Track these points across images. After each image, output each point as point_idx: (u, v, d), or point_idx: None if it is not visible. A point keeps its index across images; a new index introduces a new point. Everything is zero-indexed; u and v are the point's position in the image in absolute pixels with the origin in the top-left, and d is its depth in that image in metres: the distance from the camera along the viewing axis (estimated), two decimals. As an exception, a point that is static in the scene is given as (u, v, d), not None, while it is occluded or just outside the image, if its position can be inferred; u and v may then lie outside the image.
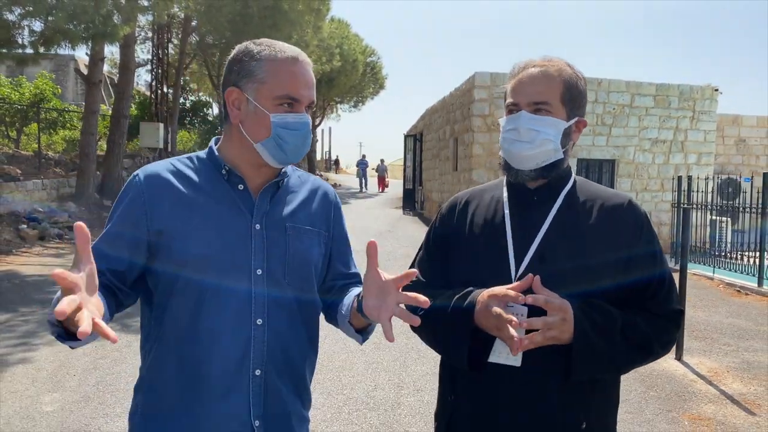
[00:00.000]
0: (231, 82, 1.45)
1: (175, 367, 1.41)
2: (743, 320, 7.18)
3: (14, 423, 3.91)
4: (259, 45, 1.45)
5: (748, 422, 4.22)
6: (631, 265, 1.44)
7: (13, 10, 10.50)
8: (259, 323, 1.42)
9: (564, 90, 1.48)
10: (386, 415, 4.18)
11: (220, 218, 1.42)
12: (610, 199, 1.52)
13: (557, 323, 1.34)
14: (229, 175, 1.46)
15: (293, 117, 1.42)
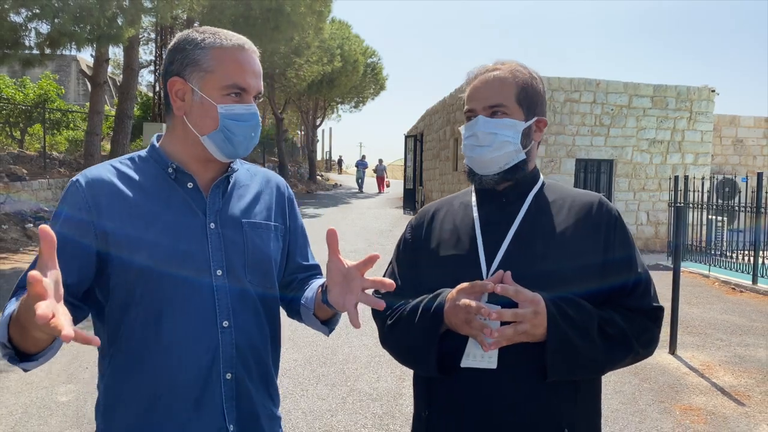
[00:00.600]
0: (173, 72, 1.37)
1: (135, 386, 1.32)
2: (737, 317, 7.34)
3: (31, 412, 4.07)
4: (203, 33, 1.38)
5: (737, 412, 4.38)
6: (606, 268, 1.41)
7: (20, 12, 10.67)
8: (226, 325, 1.35)
9: (519, 91, 1.48)
10: (389, 404, 4.34)
11: (171, 221, 1.34)
12: (580, 198, 1.50)
13: (528, 315, 1.28)
14: (176, 174, 1.38)
15: (241, 107, 1.36)
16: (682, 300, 8.09)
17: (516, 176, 1.49)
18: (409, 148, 23.51)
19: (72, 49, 11.59)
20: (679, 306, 7.59)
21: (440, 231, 1.56)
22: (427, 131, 21.06)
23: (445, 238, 1.54)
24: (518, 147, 1.47)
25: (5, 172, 13.33)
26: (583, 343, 1.32)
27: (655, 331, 1.44)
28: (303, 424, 3.98)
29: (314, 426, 3.95)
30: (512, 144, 1.46)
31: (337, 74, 28.47)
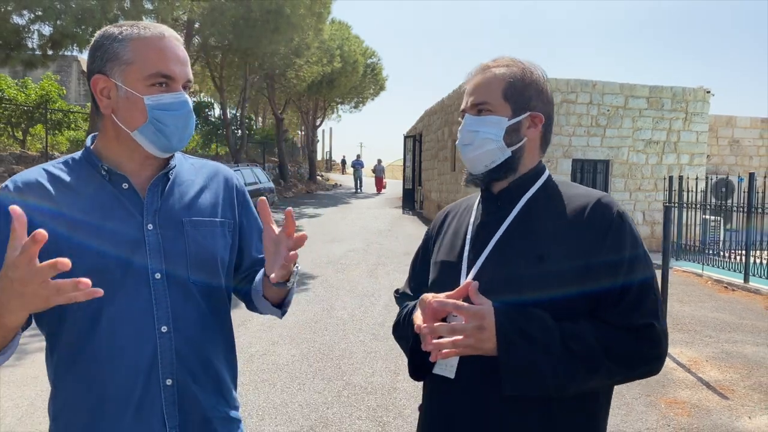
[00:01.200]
0: (95, 70, 1.32)
1: (77, 393, 1.31)
2: (727, 314, 7.48)
3: (37, 405, 4.21)
4: (120, 26, 1.33)
5: (720, 405, 4.52)
6: (589, 273, 1.30)
7: (22, 14, 10.83)
8: (164, 330, 1.31)
9: (505, 86, 1.42)
10: (383, 398, 4.48)
11: (106, 225, 1.29)
12: (577, 200, 1.39)
13: (470, 330, 1.23)
14: (109, 175, 1.33)
15: (170, 96, 1.30)
16: (675, 298, 8.25)
17: (506, 175, 1.43)
18: (408, 149, 23.65)
19: (74, 50, 11.77)
20: (671, 304, 7.73)
21: (444, 235, 1.56)
22: (425, 132, 21.20)
23: (445, 243, 1.53)
24: (501, 145, 1.41)
25: (8, 172, 13.47)
26: (539, 360, 1.23)
27: (641, 351, 1.28)
28: (299, 416, 4.12)
29: (310, 418, 4.09)
30: (494, 141, 1.41)
31: (337, 75, 28.62)
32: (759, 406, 4.50)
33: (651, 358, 1.30)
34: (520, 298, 1.29)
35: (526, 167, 1.45)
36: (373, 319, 6.69)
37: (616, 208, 1.36)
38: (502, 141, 1.42)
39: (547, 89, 1.47)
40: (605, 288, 1.29)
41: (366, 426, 4.00)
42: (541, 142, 1.48)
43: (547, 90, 1.48)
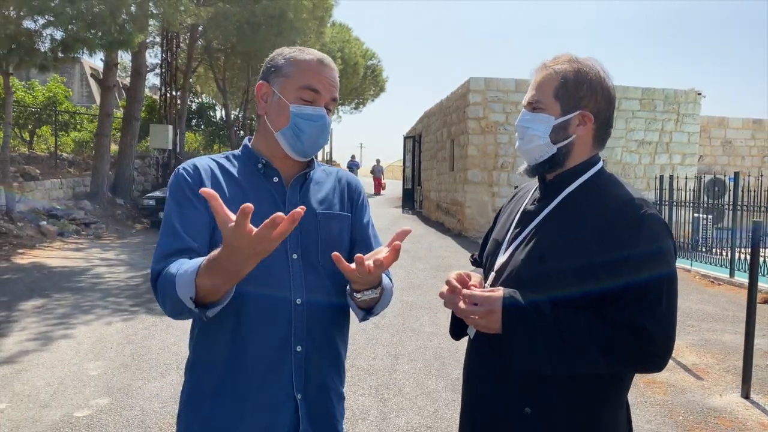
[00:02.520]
0: (261, 78, 1.58)
1: (220, 350, 1.48)
2: (711, 306, 7.86)
3: (67, 384, 4.59)
4: (293, 49, 1.58)
5: (695, 385, 4.91)
6: (596, 270, 1.37)
7: (36, 19, 11.21)
8: (299, 302, 1.50)
9: (558, 85, 1.48)
10: (383, 378, 4.86)
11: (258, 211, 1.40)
12: (612, 198, 1.45)
13: (481, 312, 1.39)
14: (265, 169, 1.56)
15: (311, 109, 1.52)
16: (662, 292, 8.63)
17: (553, 169, 1.51)
18: (407, 149, 24.01)
19: (84, 54, 12.15)
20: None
21: (504, 213, 1.70)
22: (425, 132, 21.58)
23: (501, 221, 1.68)
24: (547, 141, 1.49)
25: (19, 172, 13.86)
26: (534, 342, 1.36)
27: (630, 348, 1.34)
28: (307, 393, 4.50)
29: (317, 395, 4.47)
30: (541, 138, 1.49)
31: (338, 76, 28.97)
32: (731, 386, 4.88)
33: (642, 357, 1.35)
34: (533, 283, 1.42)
35: (574, 162, 1.51)
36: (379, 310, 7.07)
37: (645, 209, 1.40)
38: (548, 138, 1.49)
39: (603, 88, 1.50)
40: (610, 287, 1.35)
41: (369, 402, 4.39)
42: (594, 139, 1.52)
43: (604, 89, 1.50)
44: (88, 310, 6.81)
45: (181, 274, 1.29)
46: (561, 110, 1.48)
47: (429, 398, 4.47)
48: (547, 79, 1.50)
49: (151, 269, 1.43)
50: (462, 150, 15.17)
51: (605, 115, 1.51)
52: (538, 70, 1.54)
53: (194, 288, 1.26)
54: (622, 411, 1.51)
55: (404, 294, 8.01)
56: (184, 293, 1.28)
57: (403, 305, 7.36)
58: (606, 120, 1.52)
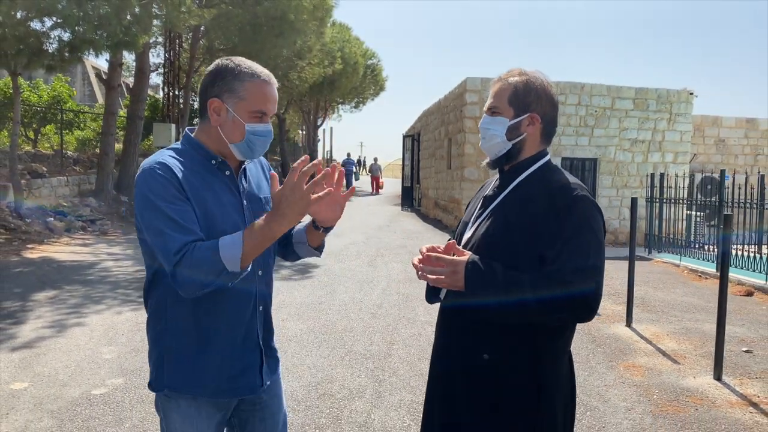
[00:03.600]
0: (213, 94, 1.74)
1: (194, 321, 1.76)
2: (696, 299, 8.18)
3: (83, 366, 4.91)
4: (238, 66, 1.74)
5: (671, 369, 5.23)
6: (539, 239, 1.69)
7: (44, 21, 11.52)
8: (260, 274, 1.85)
9: (511, 93, 1.81)
10: (379, 362, 5.18)
11: (223, 200, 1.76)
12: (553, 184, 1.77)
13: (447, 273, 1.69)
14: (219, 165, 1.79)
15: (262, 127, 1.76)
16: (650, 285, 8.96)
17: (509, 162, 1.84)
18: (406, 148, 24.30)
19: (90, 54, 12.45)
20: (646, 290, 8.44)
21: (472, 201, 2.03)
22: (423, 131, 21.87)
23: (470, 206, 2.02)
24: (503, 139, 1.82)
25: (27, 170, 14.17)
26: (486, 296, 1.67)
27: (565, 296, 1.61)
28: (308, 374, 4.82)
29: (317, 376, 4.79)
30: (499, 137, 1.82)
31: (338, 76, 29.26)
32: (705, 370, 5.20)
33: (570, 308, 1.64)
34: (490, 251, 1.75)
35: (526, 155, 1.85)
36: (371, 301, 7.39)
37: (578, 191, 1.73)
38: (505, 136, 1.83)
39: (547, 94, 1.84)
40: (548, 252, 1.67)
41: (365, 382, 4.71)
42: (542, 136, 1.86)
43: (548, 95, 1.84)
44: (99, 300, 7.14)
45: (226, 241, 1.59)
46: (514, 113, 1.82)
47: (421, 379, 4.78)
48: (502, 89, 1.84)
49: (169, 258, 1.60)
50: (459, 148, 15.48)
51: (550, 116, 1.86)
52: (494, 82, 1.88)
53: (242, 248, 1.58)
54: (565, 355, 1.83)
55: (401, 286, 8.33)
56: (231, 255, 1.57)
57: (400, 297, 7.68)
58: (551, 120, 1.87)
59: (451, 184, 16.51)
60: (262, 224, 1.60)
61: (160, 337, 1.81)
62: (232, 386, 1.83)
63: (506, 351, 1.74)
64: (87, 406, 4.09)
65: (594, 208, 1.74)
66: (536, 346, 1.74)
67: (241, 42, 15.78)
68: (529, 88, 1.82)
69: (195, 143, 1.81)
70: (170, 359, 1.79)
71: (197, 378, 1.79)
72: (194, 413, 1.82)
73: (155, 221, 1.63)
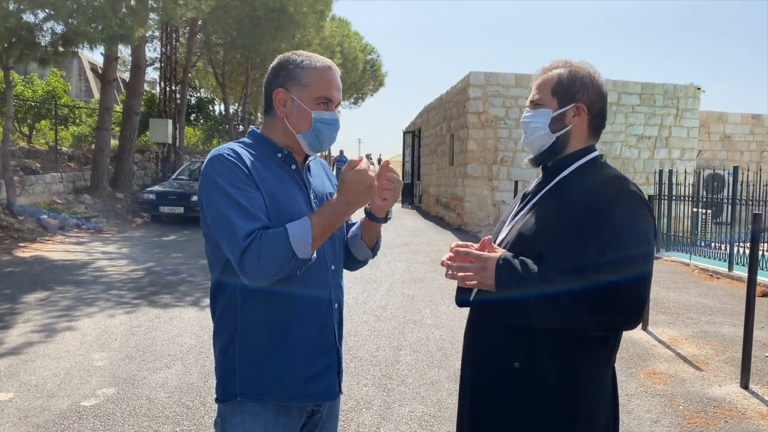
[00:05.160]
0: (278, 85, 1.72)
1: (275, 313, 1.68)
2: (710, 299, 7.92)
3: (73, 374, 4.63)
4: (300, 56, 1.75)
5: (694, 376, 4.96)
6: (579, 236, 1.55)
7: (36, 13, 11.20)
8: (333, 269, 1.79)
9: (555, 84, 1.71)
10: (386, 369, 4.91)
11: (292, 193, 1.71)
12: (597, 177, 1.65)
13: (475, 269, 1.59)
14: (285, 158, 1.75)
15: (328, 114, 1.73)
16: (662, 285, 8.69)
17: (553, 157, 1.73)
18: (407, 144, 24.04)
19: (85, 48, 12.14)
20: (658, 290, 8.18)
21: (513, 201, 1.96)
22: (424, 127, 21.60)
23: (512, 203, 1.93)
24: (547, 131, 1.71)
25: (20, 166, 13.86)
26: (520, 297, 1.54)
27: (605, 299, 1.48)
28: (312, 383, 4.54)
29: (321, 385, 4.51)
30: (542, 129, 1.72)
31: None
32: (729, 377, 4.93)
33: (612, 310, 1.49)
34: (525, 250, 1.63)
35: (571, 149, 1.73)
36: (375, 303, 7.12)
37: (623, 186, 1.59)
38: (548, 128, 1.72)
39: (594, 84, 1.72)
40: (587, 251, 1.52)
41: (372, 392, 4.43)
42: (589, 129, 1.73)
43: (595, 85, 1.72)
44: (92, 302, 6.85)
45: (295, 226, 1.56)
46: (558, 104, 1.71)
47: (432, 388, 4.51)
48: (546, 80, 1.74)
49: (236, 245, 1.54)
50: (462, 144, 15.20)
51: (597, 106, 1.72)
52: (537, 75, 1.78)
53: (311, 232, 1.56)
54: (607, 373, 1.66)
55: (406, 287, 8.05)
56: (301, 240, 1.54)
57: (405, 298, 7.40)
58: (599, 111, 1.73)
59: (453, 181, 16.23)
60: (328, 208, 1.63)
61: (231, 341, 1.70)
62: (309, 391, 1.74)
63: (540, 360, 1.60)
64: (76, 420, 3.81)
65: (641, 204, 1.58)
66: (574, 356, 1.59)
67: (239, 35, 15.48)
68: (575, 77, 1.72)
69: (261, 137, 1.78)
70: (244, 362, 1.69)
71: (274, 379, 1.69)
72: (269, 419, 1.70)
73: (222, 207, 1.58)
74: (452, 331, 5.91)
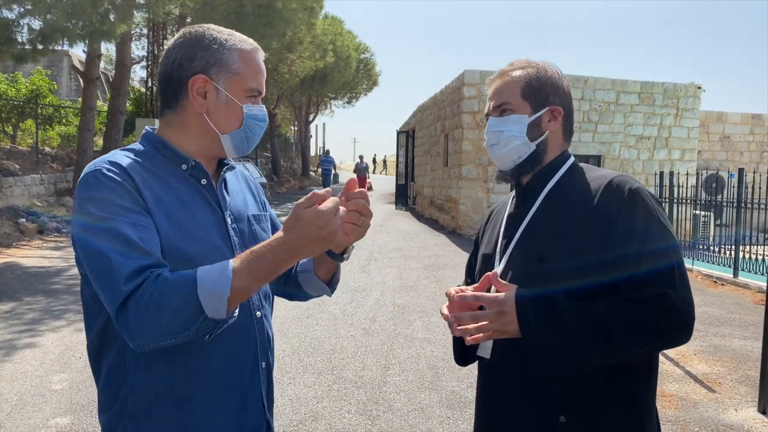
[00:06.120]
0: (196, 69, 1.31)
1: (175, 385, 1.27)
2: (716, 309, 7.54)
3: (26, 400, 4.20)
4: (221, 32, 1.36)
5: (707, 398, 4.56)
6: (605, 262, 1.35)
7: (12, 8, 10.75)
8: (258, 315, 1.39)
9: (523, 85, 1.51)
10: (373, 392, 4.49)
11: (197, 215, 1.32)
12: (593, 184, 1.45)
13: (491, 315, 1.32)
14: (192, 170, 1.35)
15: (258, 109, 1.38)
16: (664, 293, 8.30)
17: (533, 168, 1.52)
18: (401, 144, 23.66)
19: (64, 44, 11.70)
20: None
21: (487, 231, 1.68)
22: (418, 127, 21.21)
23: (486, 237, 1.67)
24: (524, 140, 1.50)
25: (-2, 167, 13.38)
26: (557, 337, 1.30)
27: (656, 321, 1.29)
28: (289, 410, 4.13)
29: (300, 412, 4.10)
30: (518, 138, 1.50)
31: (330, 70, 28.57)
32: (745, 399, 4.54)
33: (669, 328, 1.30)
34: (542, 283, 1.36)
35: (550, 158, 1.54)
36: (364, 314, 6.70)
37: (629, 186, 1.39)
38: (526, 137, 1.51)
39: (563, 84, 1.55)
40: (618, 266, 1.32)
41: (356, 420, 4.02)
42: (564, 133, 1.56)
43: (564, 84, 1.55)
44: (59, 314, 6.40)
45: (207, 273, 1.12)
46: (531, 109, 1.51)
47: (422, 414, 4.11)
48: (510, 84, 1.53)
49: (115, 291, 1.12)
50: (456, 145, 14.81)
51: (569, 109, 1.56)
52: (495, 79, 1.57)
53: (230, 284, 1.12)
54: (654, 412, 1.47)
55: (397, 296, 7.64)
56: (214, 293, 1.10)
57: (395, 308, 6.99)
58: (570, 114, 1.57)
59: (447, 182, 15.84)
60: (263, 251, 1.15)
61: (119, 420, 1.27)
62: None
63: (590, 406, 1.39)
64: (20, 457, 3.38)
65: (653, 198, 1.41)
66: (626, 393, 1.41)
67: (227, 33, 15.02)
68: (544, 77, 1.53)
69: (159, 142, 1.35)
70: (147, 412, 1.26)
71: None
72: None
73: (97, 241, 1.16)
74: (444, 346, 5.50)
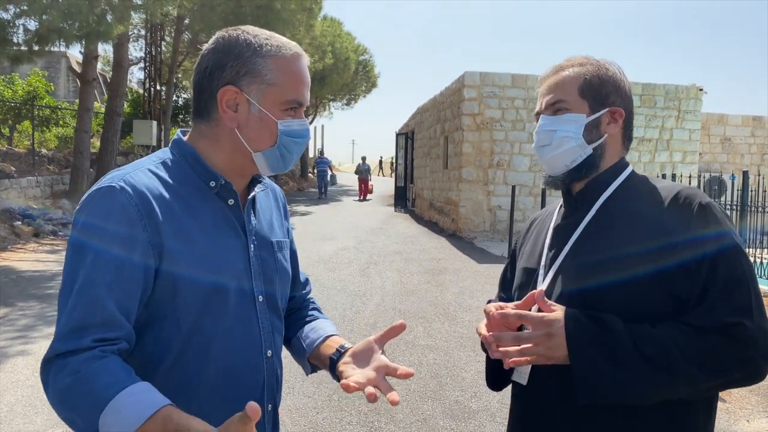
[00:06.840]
0: (226, 80, 1.20)
1: None
2: (721, 314, 7.43)
3: (17, 411, 4.08)
4: (257, 36, 1.22)
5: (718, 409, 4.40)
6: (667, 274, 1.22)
7: (7, 9, 10.63)
8: (269, 355, 1.28)
9: (582, 83, 1.38)
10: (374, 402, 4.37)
11: (218, 241, 1.21)
12: (657, 195, 1.31)
13: (538, 338, 1.21)
14: (220, 189, 1.23)
15: (298, 123, 1.24)
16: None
17: (587, 174, 1.38)
18: (400, 146, 23.56)
19: (61, 45, 11.58)
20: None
21: (527, 242, 1.55)
22: (418, 129, 21.12)
23: (527, 249, 1.53)
24: (581, 142, 1.36)
25: (-7, 169, 13.26)
26: (612, 368, 1.18)
27: (728, 354, 1.16)
28: (288, 421, 4.00)
29: (299, 423, 3.98)
30: (573, 139, 1.36)
31: (329, 72, 28.48)
32: (756, 409, 4.43)
33: (742, 362, 1.17)
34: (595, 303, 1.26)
35: (607, 164, 1.40)
36: (364, 320, 6.58)
37: (699, 199, 1.27)
38: (582, 138, 1.37)
39: (624, 84, 1.42)
40: (686, 288, 1.21)
41: (357, 431, 3.90)
42: (623, 138, 1.43)
43: (625, 85, 1.42)
44: (53, 321, 6.21)
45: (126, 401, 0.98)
46: (590, 108, 1.38)
47: (425, 426, 3.99)
48: (566, 80, 1.39)
49: (57, 334, 1.07)
50: (456, 147, 14.70)
51: (630, 113, 1.43)
52: (550, 74, 1.43)
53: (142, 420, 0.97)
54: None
55: (397, 301, 7.52)
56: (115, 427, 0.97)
57: (396, 314, 6.87)
58: (631, 117, 1.44)
59: (447, 185, 15.73)
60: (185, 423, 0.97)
61: None
62: None
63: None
64: (8, 473, 3.26)
65: (724, 214, 1.28)
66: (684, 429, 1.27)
67: (225, 34, 14.93)
68: (604, 76, 1.39)
69: (190, 154, 1.24)
70: None
71: None
72: None
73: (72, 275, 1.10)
74: (447, 353, 5.39)
